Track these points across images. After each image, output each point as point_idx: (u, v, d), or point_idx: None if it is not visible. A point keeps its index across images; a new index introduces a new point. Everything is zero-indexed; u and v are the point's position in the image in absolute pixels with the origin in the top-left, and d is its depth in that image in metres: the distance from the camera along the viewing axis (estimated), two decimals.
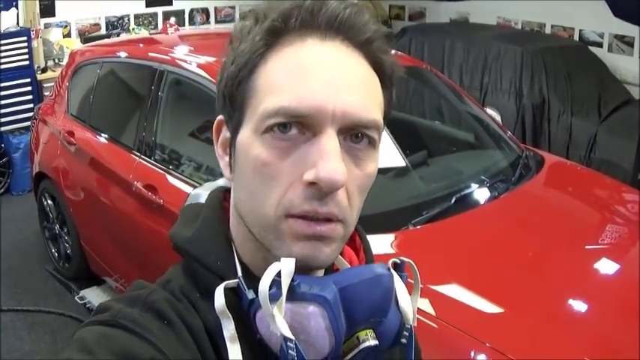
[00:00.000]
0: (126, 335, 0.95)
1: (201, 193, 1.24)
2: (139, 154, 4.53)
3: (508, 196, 3.82)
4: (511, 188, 3.91)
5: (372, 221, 3.30)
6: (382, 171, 3.81)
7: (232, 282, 1.02)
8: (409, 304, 1.04)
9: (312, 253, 0.98)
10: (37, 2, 8.03)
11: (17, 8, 7.82)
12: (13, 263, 6.01)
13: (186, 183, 4.02)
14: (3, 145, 7.61)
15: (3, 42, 7.49)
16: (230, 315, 0.99)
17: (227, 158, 1.08)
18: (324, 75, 0.96)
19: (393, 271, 1.04)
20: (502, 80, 7.40)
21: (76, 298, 5.41)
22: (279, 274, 0.94)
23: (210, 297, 1.01)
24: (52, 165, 5.56)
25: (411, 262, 1.09)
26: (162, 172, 4.26)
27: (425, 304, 2.82)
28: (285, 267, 0.94)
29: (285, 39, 0.99)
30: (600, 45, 8.34)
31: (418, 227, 3.42)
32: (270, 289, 0.93)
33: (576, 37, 8.61)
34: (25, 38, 7.67)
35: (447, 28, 9.07)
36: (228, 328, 0.99)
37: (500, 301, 2.93)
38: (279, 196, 0.97)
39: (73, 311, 5.18)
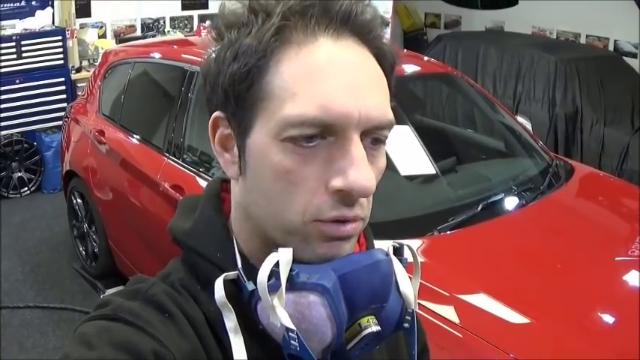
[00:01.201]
0: (127, 328, 0.95)
1: None
2: (167, 154, 4.54)
3: (536, 205, 3.78)
4: (539, 197, 3.86)
5: (397, 226, 3.31)
6: (410, 177, 3.83)
7: (232, 274, 1.01)
8: (410, 288, 1.03)
9: (336, 253, 0.98)
10: (73, 2, 8.07)
11: (53, 7, 7.88)
12: (42, 260, 6.06)
13: None
14: (35, 144, 7.66)
15: (38, 40, 7.55)
16: (231, 307, 0.98)
17: (227, 156, 1.05)
18: (344, 79, 0.94)
19: (392, 255, 1.03)
20: (535, 89, 7.36)
21: (101, 296, 5.39)
22: (277, 265, 0.93)
23: (210, 289, 1.00)
24: (82, 164, 5.59)
25: (410, 245, 1.08)
26: (190, 173, 4.26)
27: (450, 313, 2.80)
28: (283, 257, 0.94)
29: (297, 37, 0.96)
30: (635, 55, 8.27)
31: (444, 234, 3.39)
32: (269, 280, 0.93)
33: (611, 48, 8.54)
34: (60, 38, 7.74)
35: (481, 36, 9.02)
36: (230, 320, 0.99)
37: (527, 311, 2.88)
38: (304, 202, 0.96)
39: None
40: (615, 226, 3.99)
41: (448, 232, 3.41)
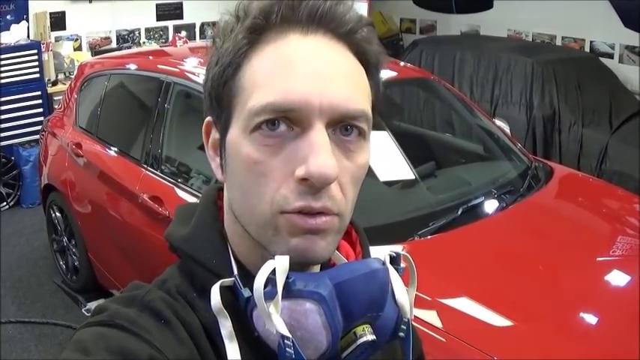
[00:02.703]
0: (123, 335, 0.95)
1: None
2: (145, 166, 4.52)
3: (517, 207, 3.79)
4: (520, 199, 3.87)
5: (378, 232, 3.30)
6: (389, 182, 3.83)
7: (228, 280, 1.01)
8: (406, 297, 1.03)
9: (308, 247, 0.97)
10: (48, 15, 8.05)
11: (28, 21, 7.86)
12: (22, 275, 6.02)
13: (192, 195, 4.00)
14: (13, 158, 7.63)
15: (13, 55, 7.52)
16: (227, 313, 0.98)
17: (218, 159, 1.08)
18: (307, 68, 0.96)
19: (388, 264, 1.03)
20: (512, 92, 7.37)
21: (83, 310, 5.39)
22: (273, 272, 0.93)
23: (206, 296, 1.00)
24: (60, 177, 5.56)
25: (407, 254, 1.08)
26: (168, 184, 4.25)
27: (432, 317, 2.79)
28: (280, 264, 0.93)
29: (268, 35, 0.99)
30: (611, 56, 8.31)
31: (424, 238, 3.38)
32: (265, 287, 0.93)
33: (587, 49, 8.58)
34: (35, 51, 7.72)
35: (458, 41, 9.04)
36: (226, 327, 0.99)
37: (509, 313, 2.89)
38: (272, 193, 0.96)
39: (81, 324, 5.14)
40: (596, 226, 4.00)
41: (429, 237, 3.40)
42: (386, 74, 4.82)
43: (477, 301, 2.94)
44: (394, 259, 1.06)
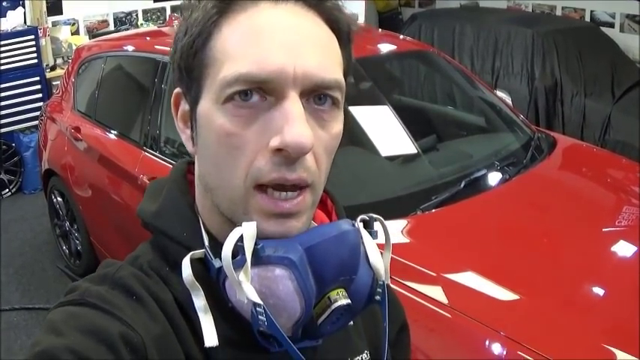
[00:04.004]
0: (94, 312, 0.94)
1: None
2: (144, 147, 4.49)
3: (520, 179, 3.74)
4: (523, 171, 3.82)
5: (380, 207, 3.27)
6: (391, 157, 3.80)
7: (199, 252, 1.00)
8: (380, 260, 1.02)
9: (284, 231, 0.96)
10: (44, 1, 8.02)
11: (24, 7, 7.82)
12: (26, 261, 6.02)
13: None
14: (14, 145, 7.61)
15: (11, 41, 7.49)
16: (199, 286, 0.97)
17: (188, 131, 1.06)
18: (281, 37, 0.95)
19: (360, 226, 1.02)
20: (513, 63, 7.34)
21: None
22: (241, 239, 0.92)
23: (179, 270, 0.98)
24: (60, 162, 5.54)
25: (381, 218, 1.06)
26: (168, 164, 4.21)
27: (437, 293, 2.76)
28: (247, 231, 0.92)
29: (238, 4, 0.98)
30: (612, 25, 8.28)
31: (427, 212, 3.35)
32: (235, 257, 0.92)
33: (587, 18, 8.54)
34: (32, 37, 7.69)
35: (457, 13, 8.98)
36: (199, 299, 0.97)
37: (514, 287, 2.85)
38: (246, 166, 0.95)
39: None
40: (601, 197, 3.96)
41: (432, 211, 3.37)
42: (385, 48, 4.78)
43: (482, 275, 2.90)
44: (367, 223, 1.04)
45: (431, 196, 3.43)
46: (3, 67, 7.42)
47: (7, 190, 7.56)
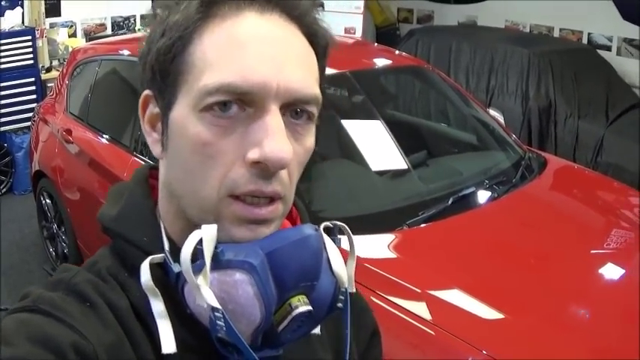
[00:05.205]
0: (45, 320, 0.91)
1: None
2: (134, 152, 4.48)
3: (509, 197, 3.74)
4: (512, 190, 3.82)
5: (367, 220, 3.26)
6: (380, 172, 3.79)
7: (158, 257, 0.98)
8: (343, 267, 1.01)
9: (254, 237, 0.95)
10: (43, 2, 8.00)
11: (22, 7, 7.80)
12: (13, 262, 5.99)
13: None
14: (6, 145, 7.59)
15: (7, 41, 7.47)
16: (158, 291, 0.95)
17: (155, 135, 1.04)
18: (265, 50, 0.94)
19: (323, 232, 1.00)
20: (508, 83, 7.35)
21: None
22: (201, 243, 0.90)
23: (138, 275, 0.96)
24: (50, 164, 5.53)
25: (345, 225, 1.05)
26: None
27: (421, 309, 2.75)
28: (207, 234, 0.91)
29: (221, 10, 0.96)
30: (609, 48, 8.30)
31: (414, 228, 3.34)
32: (195, 261, 0.90)
33: (585, 41, 8.57)
34: (29, 37, 7.65)
35: (454, 31, 9.01)
36: (157, 305, 0.95)
37: (500, 306, 2.85)
38: (220, 177, 0.94)
39: None
40: (590, 218, 3.96)
41: (419, 227, 3.36)
42: (380, 62, 4.78)
43: (467, 292, 2.89)
44: (331, 231, 1.03)
45: (419, 212, 3.42)
46: None
47: None
